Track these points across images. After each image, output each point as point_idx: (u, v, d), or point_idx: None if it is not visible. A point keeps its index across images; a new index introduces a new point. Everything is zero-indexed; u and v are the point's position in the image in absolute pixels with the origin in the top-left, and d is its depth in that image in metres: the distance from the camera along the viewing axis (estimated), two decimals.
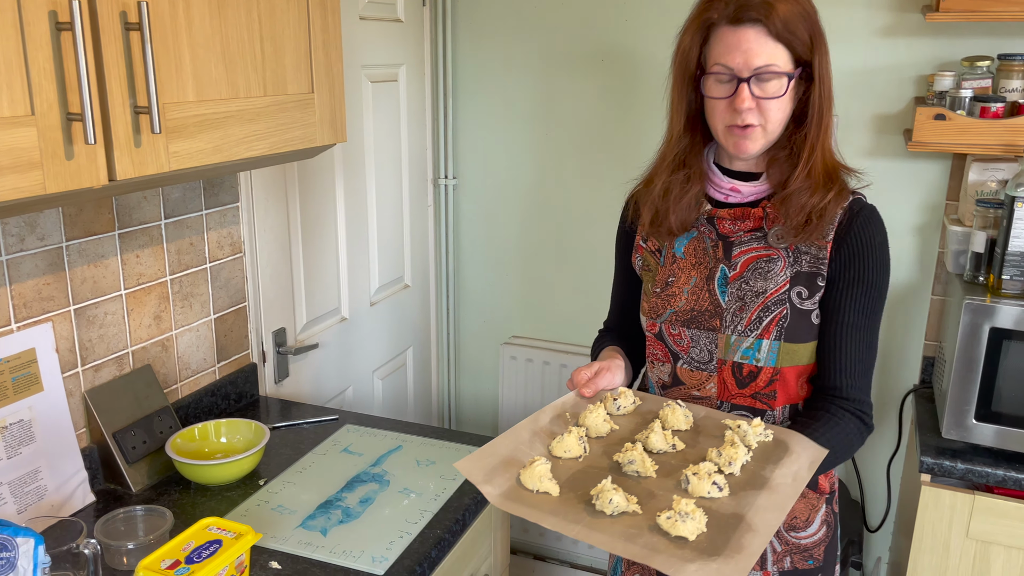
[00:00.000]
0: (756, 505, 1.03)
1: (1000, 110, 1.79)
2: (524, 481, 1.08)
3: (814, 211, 1.19)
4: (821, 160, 1.21)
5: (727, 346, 1.25)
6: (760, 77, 1.15)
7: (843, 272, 1.22)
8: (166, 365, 1.62)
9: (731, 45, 1.15)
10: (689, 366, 1.30)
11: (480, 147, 2.52)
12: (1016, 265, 1.67)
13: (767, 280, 1.23)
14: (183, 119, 1.13)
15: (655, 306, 1.32)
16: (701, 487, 1.05)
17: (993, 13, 1.73)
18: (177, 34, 1.11)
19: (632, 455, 1.11)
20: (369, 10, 2.12)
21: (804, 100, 1.20)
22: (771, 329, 1.23)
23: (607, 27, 2.28)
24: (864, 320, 1.23)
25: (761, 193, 1.26)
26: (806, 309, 1.23)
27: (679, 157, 1.27)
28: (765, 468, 1.10)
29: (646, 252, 1.35)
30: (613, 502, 1.02)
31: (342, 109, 1.46)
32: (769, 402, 1.26)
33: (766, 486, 1.07)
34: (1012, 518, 1.69)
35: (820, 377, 1.27)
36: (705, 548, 0.96)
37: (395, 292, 2.42)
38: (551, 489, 1.07)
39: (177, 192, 1.60)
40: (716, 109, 1.20)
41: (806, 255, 1.23)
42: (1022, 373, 1.67)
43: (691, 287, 1.28)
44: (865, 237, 1.21)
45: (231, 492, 1.46)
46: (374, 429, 1.71)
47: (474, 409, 2.77)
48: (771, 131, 1.19)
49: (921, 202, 2.07)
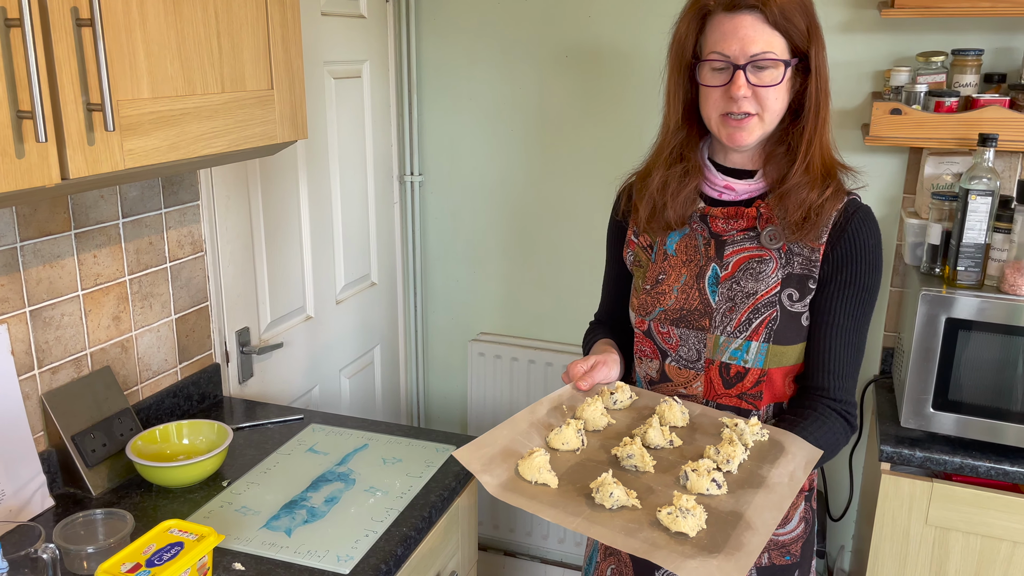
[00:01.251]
0: (754, 504, 1.04)
1: (954, 104, 1.82)
2: (522, 472, 1.08)
3: (812, 208, 1.18)
4: (819, 155, 1.20)
5: (716, 346, 1.25)
6: (757, 65, 1.14)
7: (835, 274, 1.21)
8: (126, 366, 1.59)
9: (727, 32, 1.15)
10: (677, 364, 1.29)
11: (446, 143, 2.51)
12: (970, 256, 1.70)
13: (758, 281, 1.23)
14: (138, 116, 1.11)
15: (645, 303, 1.31)
16: (700, 483, 1.06)
17: (946, 9, 1.76)
18: (131, 30, 1.10)
19: (631, 449, 1.12)
20: (331, 6, 2.11)
21: (800, 93, 1.19)
22: (760, 331, 1.22)
23: (570, 24, 2.29)
24: (853, 322, 1.23)
25: (755, 192, 1.25)
26: (796, 311, 1.23)
27: (676, 150, 1.26)
28: (762, 467, 1.11)
29: (638, 248, 1.35)
30: (614, 496, 1.03)
31: (303, 106, 1.45)
32: (755, 402, 1.27)
33: (763, 485, 1.08)
34: (969, 505, 1.73)
35: (807, 376, 1.27)
36: (705, 545, 0.96)
37: (361, 290, 2.41)
38: (550, 481, 1.07)
39: (135, 191, 1.57)
40: (711, 97, 1.19)
41: (798, 256, 1.22)
42: (978, 362, 1.71)
43: (681, 285, 1.28)
44: (859, 239, 1.21)
45: (194, 494, 1.44)
46: (340, 428, 1.70)
47: (443, 407, 2.77)
48: (768, 121, 1.18)
49: (879, 195, 2.10)
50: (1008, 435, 1.71)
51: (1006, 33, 1.92)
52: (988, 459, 1.71)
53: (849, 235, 1.21)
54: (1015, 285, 1.67)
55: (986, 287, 1.72)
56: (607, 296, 1.47)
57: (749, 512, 1.03)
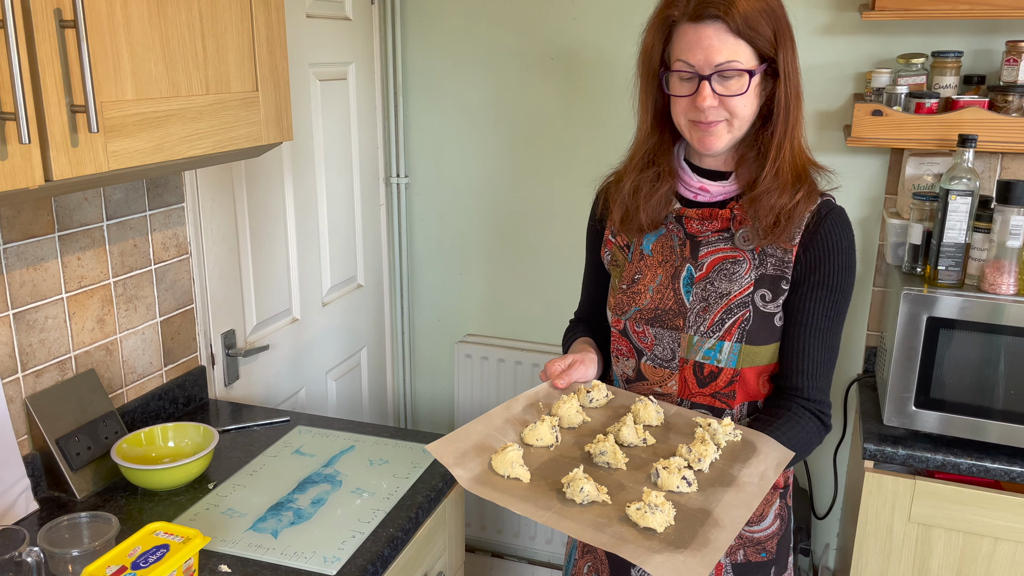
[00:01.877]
0: (723, 501, 1.05)
1: (934, 106, 1.84)
2: (495, 466, 1.09)
3: (783, 212, 1.19)
4: (790, 158, 1.20)
5: (689, 346, 1.26)
6: (722, 74, 1.15)
7: (808, 275, 1.22)
8: (111, 369, 1.59)
9: (692, 42, 1.15)
10: (652, 363, 1.30)
11: (432, 145, 2.52)
12: (951, 256, 1.72)
13: (732, 282, 1.24)
14: (122, 118, 1.11)
15: (621, 303, 1.32)
16: (671, 481, 1.07)
17: (926, 12, 1.78)
18: (115, 32, 1.09)
19: (603, 446, 1.13)
20: (316, 8, 2.11)
21: (772, 97, 1.19)
22: (733, 332, 1.23)
23: (555, 26, 2.30)
24: (827, 323, 1.24)
25: (730, 193, 1.26)
26: (769, 312, 1.24)
27: (648, 155, 1.27)
28: (733, 466, 1.12)
29: (615, 247, 1.36)
30: (584, 490, 1.04)
31: (288, 107, 1.45)
32: (728, 401, 1.28)
33: (733, 484, 1.09)
34: (951, 501, 1.75)
35: (782, 377, 1.28)
36: (672, 540, 0.97)
37: (348, 292, 2.41)
38: (522, 475, 1.08)
39: (119, 193, 1.57)
40: (679, 106, 1.20)
41: (771, 258, 1.23)
42: (959, 361, 1.73)
43: (656, 285, 1.29)
44: (832, 240, 1.21)
45: (179, 497, 1.44)
46: (326, 430, 1.70)
47: (430, 408, 2.77)
48: (737, 127, 1.19)
49: (862, 196, 2.12)
50: (989, 432, 1.73)
51: (985, 35, 1.94)
52: (969, 456, 1.73)
53: (821, 237, 1.22)
54: (995, 284, 1.70)
55: (966, 286, 1.74)
56: (586, 294, 1.48)
57: (718, 510, 1.04)
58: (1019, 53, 1.80)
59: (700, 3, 1.14)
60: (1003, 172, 1.95)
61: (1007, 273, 1.69)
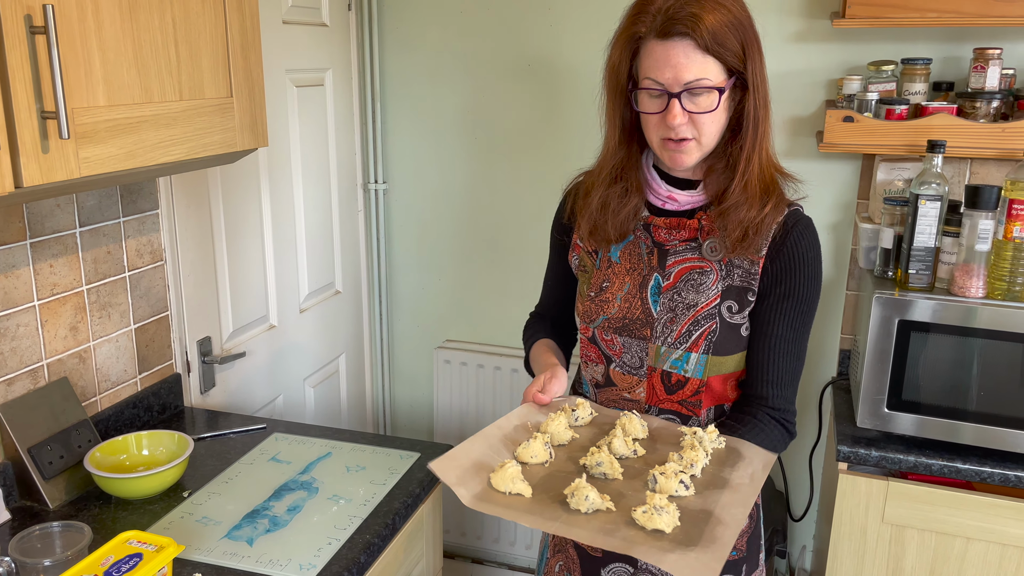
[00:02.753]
0: (721, 502, 1.08)
1: (904, 112, 1.87)
2: (495, 484, 1.10)
3: (751, 226, 1.19)
4: (758, 170, 1.20)
5: (657, 355, 1.27)
6: (691, 92, 1.14)
7: (774, 286, 1.23)
8: (84, 377, 1.57)
9: (660, 60, 1.14)
10: (621, 369, 1.31)
11: (410, 151, 2.52)
12: (921, 260, 1.75)
13: (699, 293, 1.25)
14: (94, 124, 1.10)
15: (589, 310, 1.33)
16: (669, 485, 1.09)
17: (895, 19, 1.81)
18: (86, 38, 1.09)
19: (600, 457, 1.14)
20: (293, 14, 2.11)
21: (740, 108, 1.19)
22: (700, 343, 1.24)
23: (533, 34, 2.31)
24: (793, 333, 1.25)
25: (697, 203, 1.26)
26: (736, 323, 1.25)
27: (616, 170, 1.27)
28: (723, 471, 1.16)
29: (583, 252, 1.36)
30: (589, 499, 1.05)
31: (263, 113, 1.45)
32: (695, 409, 1.29)
33: (727, 486, 1.12)
34: (924, 502, 1.78)
35: (748, 385, 1.30)
36: (681, 540, 1.00)
37: (326, 298, 2.40)
38: (523, 490, 1.09)
39: (92, 199, 1.55)
40: (649, 123, 1.20)
41: (738, 269, 1.24)
42: (930, 363, 1.75)
43: (624, 294, 1.29)
44: (799, 252, 1.22)
45: (154, 505, 1.43)
46: (303, 437, 1.69)
47: (409, 415, 2.76)
48: (706, 144, 1.19)
49: (834, 201, 2.15)
50: (960, 434, 1.75)
51: (953, 43, 1.98)
52: (941, 457, 1.75)
53: (788, 248, 1.22)
54: (964, 287, 1.72)
55: (937, 289, 1.76)
56: (548, 291, 1.49)
57: (717, 509, 1.07)
58: (986, 60, 1.84)
59: (667, 20, 1.12)
60: (972, 177, 1.99)
61: (976, 276, 1.71)
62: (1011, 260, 1.69)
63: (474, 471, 1.13)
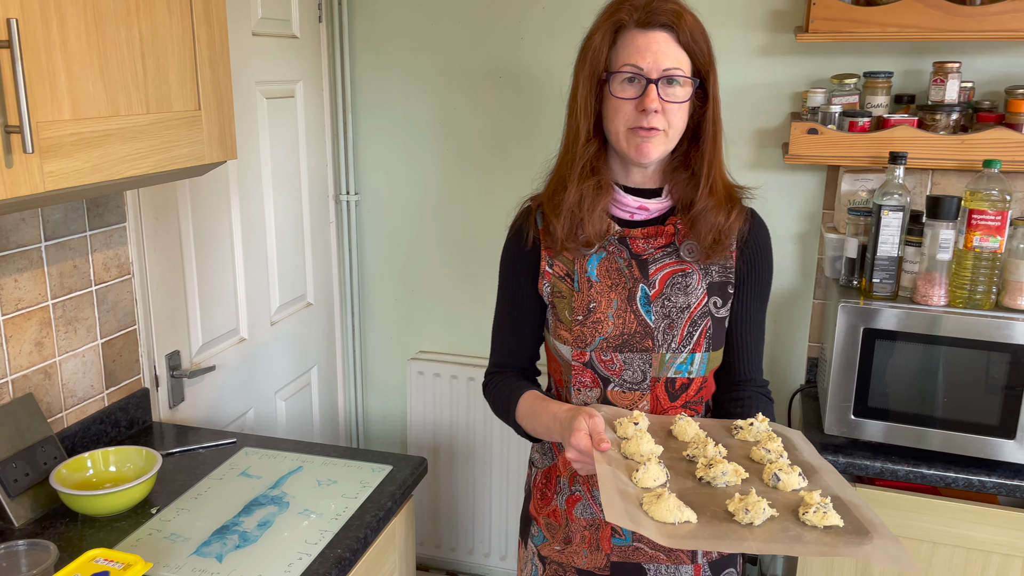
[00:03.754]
0: (832, 485, 1.10)
1: (867, 124, 1.91)
2: (657, 516, 1.03)
3: (722, 230, 1.26)
4: (720, 176, 1.27)
5: (661, 364, 1.28)
6: (668, 80, 1.19)
7: (747, 277, 1.32)
8: (50, 393, 1.55)
9: (641, 46, 1.19)
10: (621, 388, 1.29)
11: (382, 162, 2.52)
12: (885, 269, 1.78)
13: (688, 295, 1.28)
14: (59, 138, 1.09)
15: (581, 335, 1.29)
16: (792, 480, 1.11)
17: (857, 34, 1.85)
18: (51, 51, 1.08)
19: (724, 467, 1.11)
20: (263, 26, 2.10)
21: (696, 119, 1.25)
22: (701, 342, 1.28)
23: (503, 45, 2.33)
24: (761, 315, 1.37)
25: (666, 207, 1.30)
26: (721, 317, 1.31)
27: (590, 163, 1.26)
28: (793, 455, 1.19)
29: (554, 278, 1.32)
30: (766, 511, 1.04)
31: (232, 126, 1.45)
32: (696, 407, 1.33)
33: (816, 469, 1.14)
34: (891, 507, 1.80)
35: (731, 371, 1.35)
36: (853, 531, 1.01)
37: (297, 310, 2.39)
38: (690, 517, 1.04)
39: (58, 213, 1.54)
40: (621, 110, 1.21)
41: (715, 266, 1.30)
42: (895, 370, 1.78)
43: (615, 311, 1.28)
44: (760, 243, 1.33)
45: (121, 522, 1.41)
46: (274, 451, 1.68)
47: (382, 427, 2.75)
48: (671, 137, 1.23)
49: (800, 211, 2.18)
50: (925, 439, 1.79)
51: (914, 56, 2.02)
52: (907, 463, 1.78)
53: (752, 241, 1.32)
54: (927, 296, 1.76)
55: (900, 298, 1.80)
56: (506, 338, 1.41)
57: (839, 492, 1.08)
58: (945, 74, 1.88)
59: (650, 11, 1.19)
60: (933, 188, 2.03)
61: (938, 285, 1.75)
62: (971, 269, 1.73)
63: (633, 507, 1.05)
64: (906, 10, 1.81)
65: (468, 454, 2.56)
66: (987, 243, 1.71)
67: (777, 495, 1.09)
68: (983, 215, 1.70)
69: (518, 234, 1.36)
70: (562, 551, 1.37)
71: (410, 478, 1.59)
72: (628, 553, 1.32)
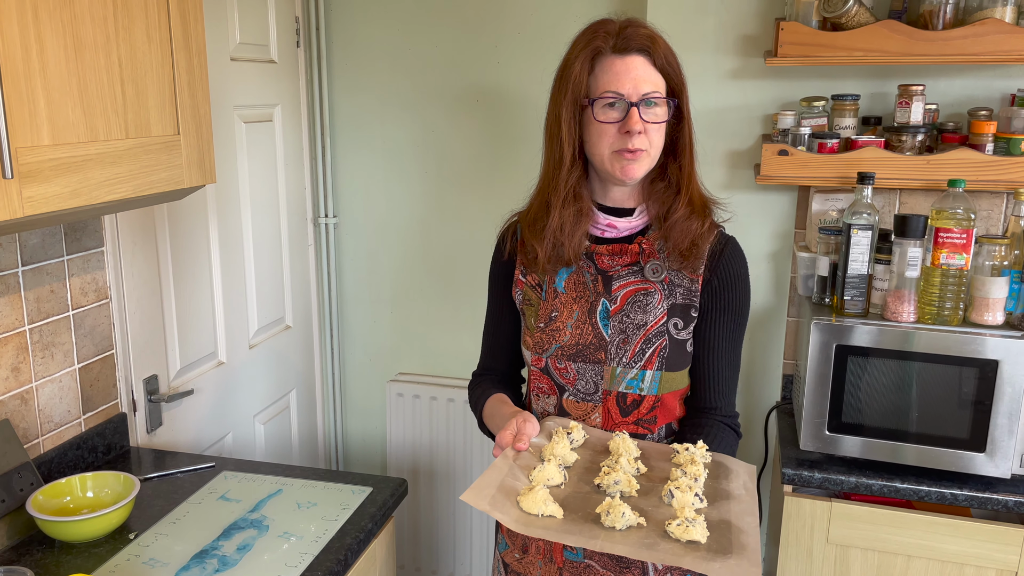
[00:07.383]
0: (733, 512, 1.14)
1: (835, 145, 1.96)
2: (526, 507, 1.11)
3: (698, 236, 1.29)
4: (696, 188, 1.31)
5: (612, 377, 1.31)
6: (648, 102, 1.23)
7: (714, 303, 1.32)
8: (26, 419, 1.54)
9: (620, 72, 1.23)
10: (575, 398, 1.34)
11: (360, 185, 2.53)
12: (855, 287, 1.82)
13: (646, 313, 1.30)
14: (38, 163, 1.10)
15: (540, 341, 1.35)
16: (686, 499, 1.13)
17: (824, 58, 1.90)
18: (31, 77, 1.09)
19: (617, 476, 1.17)
20: (241, 51, 2.12)
21: (672, 135, 1.30)
22: (654, 360, 1.30)
23: (480, 69, 2.36)
24: (732, 344, 1.35)
25: (635, 228, 1.33)
26: (682, 339, 1.32)
27: (573, 190, 1.30)
28: (719, 482, 1.21)
29: (526, 287, 1.38)
30: (625, 516, 1.08)
31: (211, 150, 1.46)
32: (650, 427, 1.34)
33: (730, 497, 1.17)
34: (866, 522, 1.83)
35: (696, 399, 1.36)
36: (716, 549, 1.05)
37: (276, 333, 2.39)
38: (555, 512, 1.11)
39: (35, 238, 1.54)
40: (605, 134, 1.24)
41: (679, 288, 1.31)
42: (867, 386, 1.81)
43: (574, 321, 1.33)
44: (733, 269, 1.33)
45: (99, 548, 1.40)
46: (253, 475, 1.68)
47: (362, 449, 2.74)
48: (653, 156, 1.27)
49: (773, 231, 2.22)
50: (898, 454, 1.82)
51: (880, 79, 2.08)
52: (881, 477, 1.81)
53: (723, 266, 1.32)
54: (896, 312, 1.80)
55: (871, 315, 1.83)
56: (493, 343, 1.48)
57: (733, 519, 1.12)
58: (910, 96, 1.93)
59: (625, 37, 1.24)
60: (901, 207, 2.08)
61: (907, 302, 1.79)
62: (939, 286, 1.77)
63: (503, 496, 1.13)
64: (871, 35, 1.87)
65: (448, 475, 2.56)
66: (954, 260, 1.75)
67: (664, 511, 1.13)
68: (949, 233, 1.74)
69: (499, 246, 1.45)
70: (520, 560, 1.40)
71: (390, 500, 1.59)
72: (580, 569, 1.34)
